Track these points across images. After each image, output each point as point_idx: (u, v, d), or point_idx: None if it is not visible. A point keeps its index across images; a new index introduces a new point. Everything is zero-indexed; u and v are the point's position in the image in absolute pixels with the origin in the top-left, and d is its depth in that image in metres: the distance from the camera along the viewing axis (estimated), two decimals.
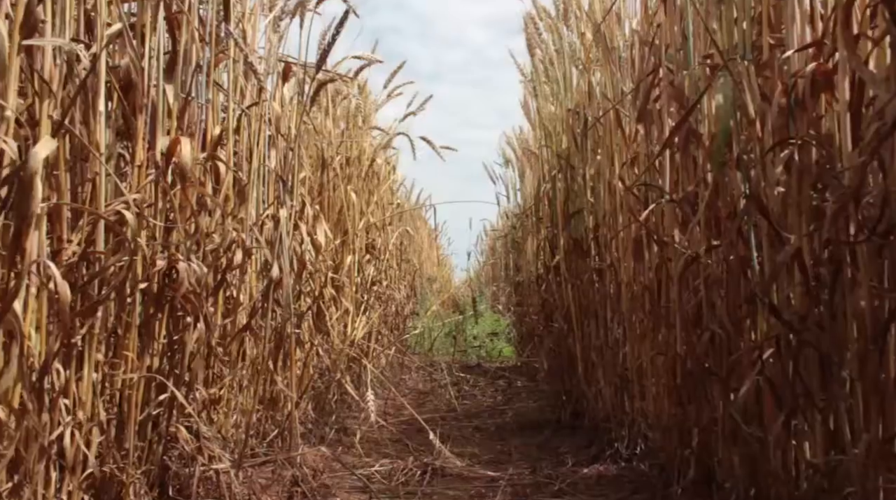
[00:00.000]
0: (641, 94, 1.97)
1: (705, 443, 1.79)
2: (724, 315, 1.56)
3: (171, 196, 1.65)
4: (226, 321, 1.98)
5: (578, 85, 2.90)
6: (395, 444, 2.91)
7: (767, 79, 1.52)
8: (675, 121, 1.86)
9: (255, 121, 2.08)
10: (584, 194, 2.85)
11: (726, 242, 1.48)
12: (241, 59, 2.05)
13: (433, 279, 7.15)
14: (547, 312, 3.45)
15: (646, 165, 2.05)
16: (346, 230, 3.41)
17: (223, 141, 1.97)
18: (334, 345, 3.18)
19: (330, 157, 3.31)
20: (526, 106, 4.10)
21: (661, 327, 2.12)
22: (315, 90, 2.73)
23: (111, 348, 1.57)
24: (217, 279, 1.92)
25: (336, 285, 3.29)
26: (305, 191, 2.84)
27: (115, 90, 1.57)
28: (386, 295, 4.17)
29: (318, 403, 3.13)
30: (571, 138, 2.91)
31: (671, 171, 1.90)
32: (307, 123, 2.83)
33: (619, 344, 2.62)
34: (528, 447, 2.91)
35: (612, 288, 2.63)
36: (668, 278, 2.10)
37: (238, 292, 2.06)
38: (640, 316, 2.30)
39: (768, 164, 1.40)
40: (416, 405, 3.93)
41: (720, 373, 1.62)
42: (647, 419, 2.40)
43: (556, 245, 3.24)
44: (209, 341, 1.86)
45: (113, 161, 1.59)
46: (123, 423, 1.58)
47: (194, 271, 1.66)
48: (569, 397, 3.23)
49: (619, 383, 2.61)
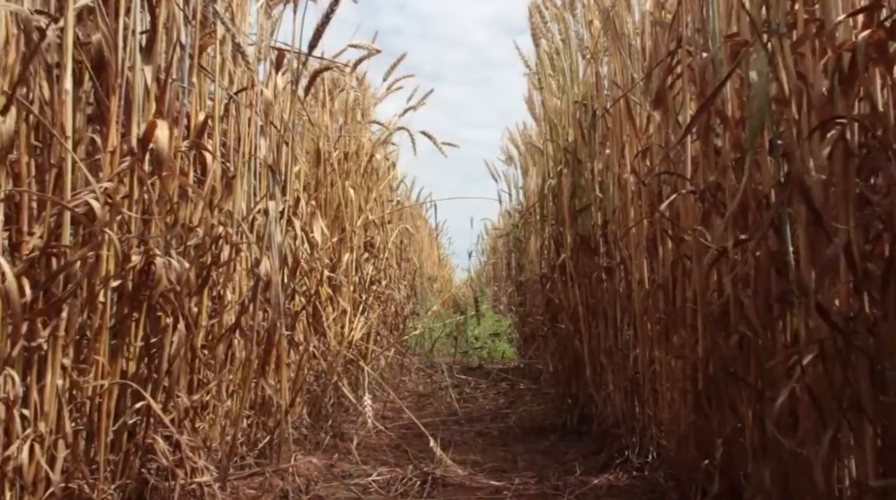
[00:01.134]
0: (658, 77, 1.81)
1: (729, 455, 1.63)
2: (753, 315, 1.39)
3: (147, 186, 1.49)
4: (212, 322, 1.83)
5: (586, 75, 2.74)
6: (394, 450, 2.75)
7: (802, 56, 1.36)
8: (696, 105, 1.70)
9: (245, 108, 1.92)
10: (592, 189, 2.69)
11: (759, 234, 1.32)
12: (228, 40, 1.89)
13: (434, 279, 6.99)
14: (552, 312, 3.29)
15: (662, 155, 1.89)
16: (344, 228, 3.25)
17: (209, 129, 1.81)
18: (331, 346, 3.02)
19: (327, 152, 3.15)
20: (530, 101, 3.94)
21: (678, 328, 1.96)
22: (311, 79, 2.57)
23: (81, 351, 1.41)
24: (202, 277, 1.76)
25: (333, 285, 3.14)
26: (301, 186, 2.68)
27: (87, 69, 1.42)
28: (385, 295, 4.01)
29: (314, 407, 2.97)
30: (578, 131, 2.76)
31: (691, 160, 1.74)
32: (302, 115, 2.67)
33: (629, 346, 2.46)
34: (533, 453, 2.74)
35: (622, 287, 2.47)
36: (684, 275, 1.94)
37: (224, 290, 1.90)
38: (653, 317, 2.15)
39: (807, 147, 1.24)
40: (416, 409, 3.77)
41: (749, 379, 1.46)
42: (660, 426, 2.24)
43: (561, 243, 3.08)
44: (191, 343, 1.70)
45: (83, 146, 1.43)
46: (94, 434, 1.43)
47: (173, 267, 1.50)
48: (575, 401, 3.07)
49: (629, 387, 2.45)
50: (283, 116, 2.44)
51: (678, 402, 2.01)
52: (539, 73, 3.23)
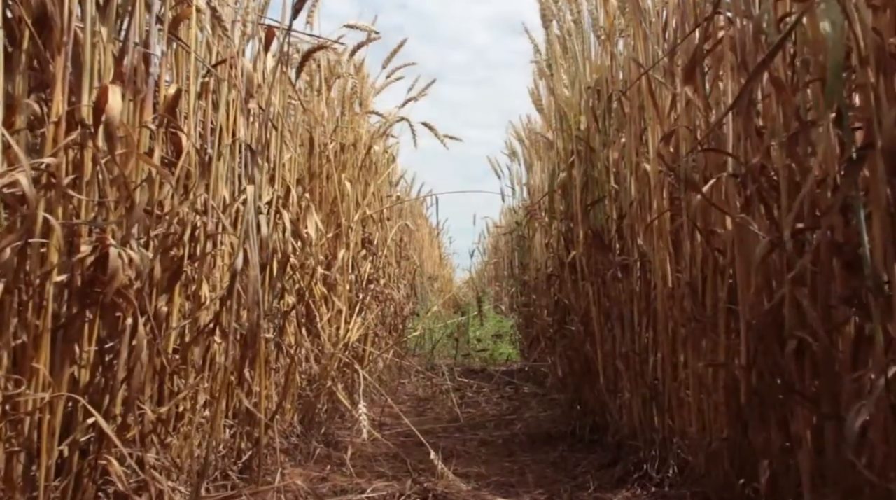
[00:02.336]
0: (690, 48, 1.57)
1: (775, 478, 1.39)
2: (815, 319, 1.15)
3: (101, 165, 1.25)
4: (185, 323, 1.58)
5: (602, 59, 2.50)
6: (392, 460, 2.50)
7: (877, 8, 1.12)
8: (735, 77, 1.46)
9: (224, 83, 1.68)
10: (607, 181, 2.45)
11: (826, 222, 1.08)
12: (207, 10, 1.65)
13: (434, 278, 6.74)
14: (560, 313, 3.04)
15: (690, 139, 1.65)
16: (340, 223, 3.00)
17: (182, 105, 1.57)
18: (325, 349, 2.77)
19: (323, 144, 2.91)
20: (535, 93, 3.70)
21: (708, 331, 1.72)
22: (302, 59, 2.33)
23: (15, 359, 1.17)
24: (172, 271, 1.52)
25: (328, 283, 2.89)
26: (293, 176, 2.44)
27: (26, 25, 1.18)
28: (384, 294, 3.76)
29: (307, 413, 2.72)
30: (592, 118, 2.51)
31: (732, 139, 1.49)
32: (294, 100, 2.43)
33: (647, 350, 2.22)
34: (542, 465, 2.50)
35: (639, 286, 2.23)
36: (715, 272, 1.70)
37: (199, 287, 1.65)
38: (678, 318, 1.91)
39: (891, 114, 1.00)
40: (415, 414, 3.53)
41: (806, 392, 1.22)
42: (684, 438, 2.00)
43: (571, 240, 2.84)
44: (160, 346, 1.46)
45: (23, 116, 1.19)
46: (34, 456, 1.18)
47: (133, 260, 1.26)
48: (585, 407, 2.83)
49: (648, 394, 2.20)
50: (273, 99, 2.20)
51: (709, 413, 1.76)
52: (549, 58, 2.98)
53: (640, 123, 2.19)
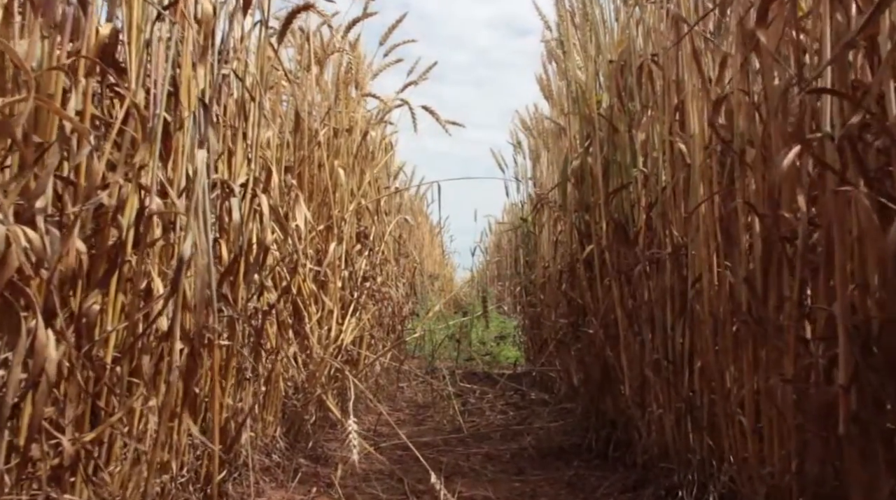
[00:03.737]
0: None
1: None
2: None
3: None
4: (121, 326, 1.22)
5: (628, 27, 2.14)
6: (387, 480, 2.15)
7: None
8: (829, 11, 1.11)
9: (177, 27, 1.32)
10: (633, 165, 2.09)
11: None
12: None
13: (435, 277, 6.37)
14: (574, 314, 2.69)
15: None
16: (332, 215, 2.65)
17: (120, 54, 1.22)
18: (314, 353, 2.42)
19: (314, 129, 2.56)
20: (543, 79, 3.34)
21: (771, 337, 1.36)
22: (285, 22, 1.98)
23: None
24: (107, 260, 1.16)
25: (318, 280, 2.54)
26: (274, 155, 2.08)
27: None
28: (381, 293, 3.41)
29: (293, 425, 2.37)
30: (615, 94, 2.16)
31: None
32: (275, 67, 2.08)
33: (682, 358, 1.86)
34: (556, 485, 2.15)
35: (673, 283, 1.87)
36: (781, 265, 1.34)
37: (151, 282, 1.29)
38: (729, 321, 1.55)
39: None
40: (414, 423, 3.17)
41: None
42: (731, 463, 1.64)
43: (587, 234, 2.48)
44: (88, 354, 1.11)
45: None
46: None
47: (32, 241, 0.90)
48: (602, 419, 2.47)
49: (683, 409, 1.85)
50: (251, 65, 1.85)
51: (771, 437, 1.41)
52: (561, 36, 2.63)
53: (676, 97, 1.84)
